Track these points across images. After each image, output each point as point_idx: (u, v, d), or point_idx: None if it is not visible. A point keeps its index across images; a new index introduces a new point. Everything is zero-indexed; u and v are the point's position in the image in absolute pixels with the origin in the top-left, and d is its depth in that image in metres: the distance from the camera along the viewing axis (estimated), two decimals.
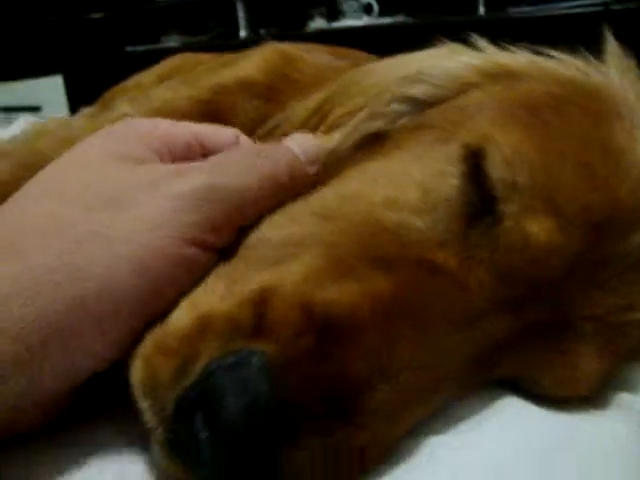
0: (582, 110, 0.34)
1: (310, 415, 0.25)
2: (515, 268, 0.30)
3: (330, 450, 0.25)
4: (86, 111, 1.31)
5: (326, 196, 0.34)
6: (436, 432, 0.29)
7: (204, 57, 1.21)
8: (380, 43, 0.81)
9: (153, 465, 0.29)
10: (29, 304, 0.26)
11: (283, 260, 0.30)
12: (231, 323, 0.26)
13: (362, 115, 0.39)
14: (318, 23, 2.79)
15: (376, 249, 0.30)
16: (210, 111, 0.56)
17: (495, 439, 0.29)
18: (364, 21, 2.71)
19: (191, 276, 0.30)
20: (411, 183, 0.32)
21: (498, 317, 0.30)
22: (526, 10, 2.23)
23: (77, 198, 0.30)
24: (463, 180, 0.32)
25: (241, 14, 2.85)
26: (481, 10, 2.37)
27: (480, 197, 0.31)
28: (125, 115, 0.57)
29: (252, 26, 2.85)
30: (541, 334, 0.31)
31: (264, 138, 0.49)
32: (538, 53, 0.41)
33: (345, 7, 2.77)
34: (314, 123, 0.45)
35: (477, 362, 0.31)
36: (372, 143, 0.39)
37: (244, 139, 0.40)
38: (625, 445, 0.30)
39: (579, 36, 0.44)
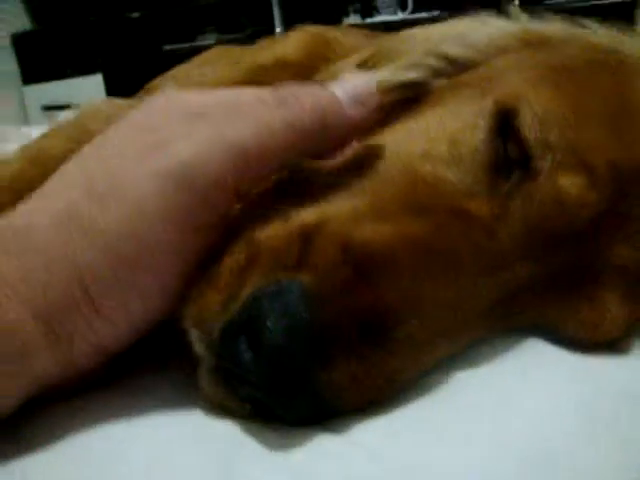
0: (613, 74, 0.36)
1: (344, 340, 0.27)
2: (546, 220, 0.32)
3: (362, 373, 0.27)
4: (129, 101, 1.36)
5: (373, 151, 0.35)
6: (459, 370, 0.31)
7: (237, 49, 1.25)
8: None
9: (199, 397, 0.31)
10: (39, 289, 0.28)
11: (329, 201, 0.31)
12: (275, 256, 0.28)
13: (401, 63, 0.41)
14: (353, 19, 2.81)
15: (413, 198, 0.32)
16: None
17: (513, 379, 0.31)
18: (398, 16, 2.73)
19: (183, 261, 0.30)
20: (444, 136, 0.34)
21: (525, 264, 0.32)
22: (561, 1, 2.21)
23: (87, 191, 0.30)
24: (491, 134, 0.34)
25: (276, 11, 2.89)
26: (516, 2, 2.36)
27: (511, 153, 0.33)
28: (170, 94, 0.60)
29: (287, 23, 2.89)
30: (566, 282, 0.33)
31: None
32: (572, 23, 0.43)
33: (379, 3, 2.79)
34: None
35: (502, 306, 0.33)
36: (410, 101, 0.41)
37: None
38: None
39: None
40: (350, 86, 0.35)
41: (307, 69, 0.59)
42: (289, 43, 0.61)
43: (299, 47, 0.60)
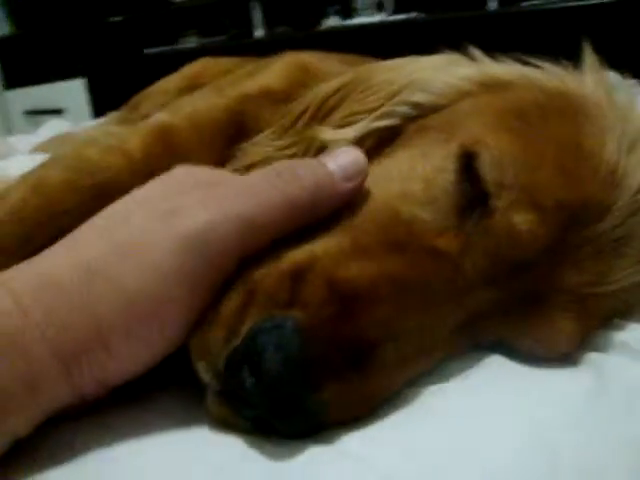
0: (561, 116, 0.41)
1: (332, 366, 0.31)
2: (503, 252, 0.37)
3: (346, 393, 0.32)
4: (113, 115, 1.39)
5: None
6: (431, 383, 0.36)
7: (223, 61, 1.28)
8: (394, 40, 0.86)
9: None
10: (60, 332, 0.31)
11: (321, 239, 0.36)
12: (270, 294, 0.33)
13: (376, 114, 0.46)
14: (332, 21, 2.84)
15: (390, 236, 0.36)
16: (237, 118, 0.63)
17: (480, 389, 0.36)
18: (377, 18, 2.77)
19: (191, 313, 0.34)
20: (416, 177, 0.39)
21: (487, 291, 0.37)
22: (538, 2, 2.26)
23: (107, 239, 0.34)
24: (458, 176, 0.38)
25: (256, 14, 2.92)
26: (494, 4, 2.41)
27: (472, 191, 0.38)
28: (164, 122, 0.64)
29: (267, 25, 2.92)
30: (523, 305, 0.38)
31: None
32: (525, 63, 0.48)
33: (359, 4, 2.83)
34: (323, 114, 0.51)
35: (468, 327, 0.38)
36: (383, 144, 0.46)
37: None
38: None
39: (592, 27, 0.50)
40: (341, 161, 0.38)
41: (288, 96, 0.63)
42: (273, 72, 0.66)
43: (282, 77, 0.65)
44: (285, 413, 0.31)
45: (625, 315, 0.41)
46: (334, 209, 0.38)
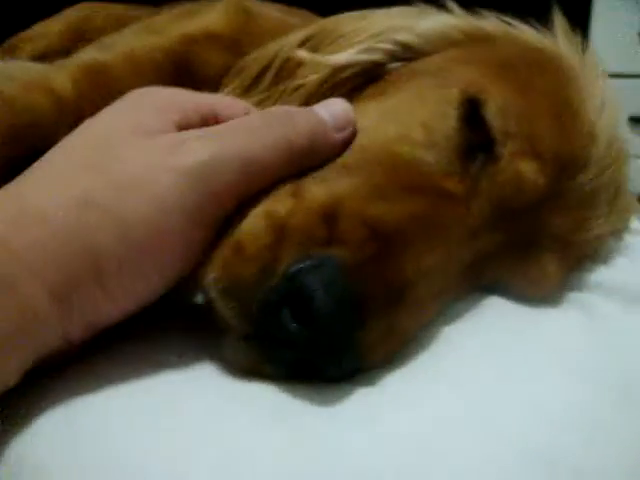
0: (546, 72, 0.43)
1: (375, 305, 0.31)
2: (507, 197, 0.38)
3: (387, 331, 0.32)
4: None
5: None
6: (447, 323, 0.37)
7: (111, 7, 1.19)
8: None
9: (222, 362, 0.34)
10: (54, 268, 0.30)
11: (333, 179, 0.35)
12: (307, 233, 0.31)
13: (360, 47, 0.45)
14: None
15: (402, 177, 0.36)
16: (180, 61, 0.59)
17: (491, 326, 0.37)
18: None
19: (189, 249, 0.33)
20: (416, 122, 0.39)
21: (489, 233, 0.38)
22: None
23: (100, 173, 0.32)
24: (460, 122, 0.39)
25: None
26: None
27: (475, 138, 0.38)
28: (94, 61, 0.58)
29: None
30: (517, 248, 0.40)
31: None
32: (503, 21, 0.49)
33: None
34: (289, 71, 0.50)
35: (472, 269, 0.39)
36: (365, 83, 0.45)
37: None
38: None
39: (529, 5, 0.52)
40: (333, 111, 0.38)
41: (236, 43, 0.60)
42: (217, 15, 0.62)
43: (226, 21, 0.61)
44: (336, 354, 0.30)
45: (594, 259, 0.45)
46: (327, 157, 0.38)
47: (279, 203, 0.33)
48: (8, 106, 0.53)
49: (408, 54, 0.46)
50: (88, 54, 0.59)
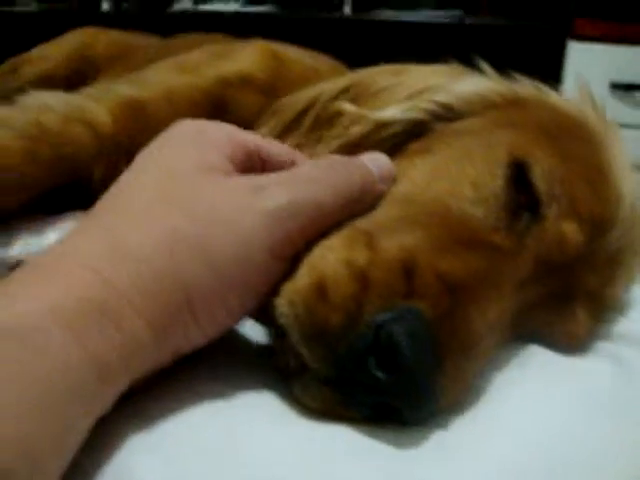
0: (576, 136, 0.46)
1: (452, 354, 0.33)
2: (549, 254, 0.41)
3: (459, 379, 0.35)
4: None
5: (395, 184, 0.43)
6: (498, 371, 0.40)
7: (113, 33, 1.21)
8: (246, 30, 0.88)
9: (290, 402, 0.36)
10: (153, 302, 0.32)
11: (399, 232, 0.37)
12: (389, 285, 0.34)
13: (404, 106, 0.49)
14: (184, 4, 2.76)
15: (456, 232, 0.39)
16: (217, 101, 0.61)
17: (534, 374, 0.40)
18: (231, 7, 2.74)
19: (266, 282, 0.36)
20: (466, 180, 0.42)
21: (533, 288, 0.41)
22: (389, 14, 2.40)
23: (181, 210, 0.35)
24: (507, 182, 0.42)
25: None
26: (347, 10, 2.51)
27: (520, 198, 0.42)
28: (131, 97, 0.60)
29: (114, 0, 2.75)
30: (554, 301, 0.43)
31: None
32: (507, 78, 0.53)
33: None
34: (328, 115, 0.53)
35: (516, 320, 0.41)
36: (408, 141, 0.48)
37: (300, 155, 0.44)
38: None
39: (435, 44, 0.57)
40: (378, 163, 0.42)
41: (270, 86, 0.63)
42: (249, 58, 0.64)
43: (259, 65, 0.64)
44: (418, 400, 0.32)
45: (616, 311, 0.48)
46: (371, 206, 0.41)
47: (357, 253, 0.35)
48: (50, 138, 0.54)
49: (448, 114, 0.49)
50: (124, 88, 0.61)
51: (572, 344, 0.44)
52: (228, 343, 0.42)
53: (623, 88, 1.86)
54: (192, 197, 0.35)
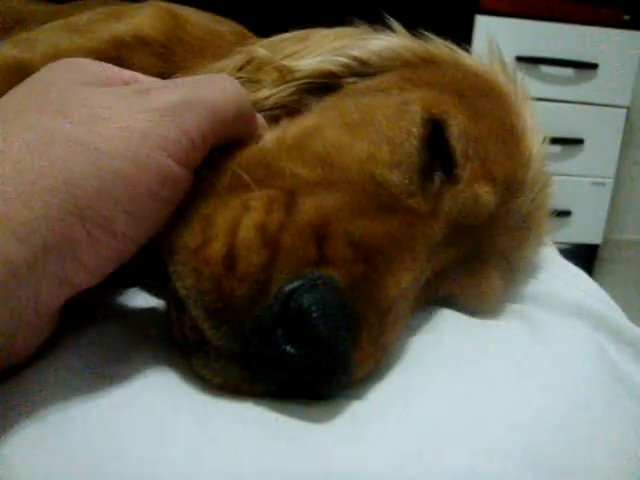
0: (488, 97, 0.45)
1: (366, 323, 0.32)
2: (463, 217, 0.40)
3: (373, 349, 0.33)
4: None
5: (312, 140, 0.39)
6: (411, 335, 0.39)
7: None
8: None
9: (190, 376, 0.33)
10: (30, 206, 0.28)
11: (319, 194, 0.35)
12: (300, 252, 0.31)
13: (319, 58, 0.46)
14: None
15: (373, 196, 0.37)
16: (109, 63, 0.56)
17: (450, 336, 0.39)
18: None
19: (176, 194, 0.33)
20: (384, 139, 0.39)
21: (447, 251, 0.40)
22: None
23: (57, 113, 0.31)
24: (422, 141, 0.40)
25: None
26: None
27: (434, 157, 0.40)
28: (15, 57, 0.55)
29: None
30: (468, 264, 0.42)
31: None
32: (420, 38, 0.51)
33: None
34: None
35: (429, 284, 0.40)
36: (323, 93, 0.46)
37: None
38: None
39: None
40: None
41: (165, 49, 0.59)
42: (146, 19, 0.60)
43: (156, 26, 0.59)
44: (332, 373, 0.30)
45: (526, 273, 0.48)
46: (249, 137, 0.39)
47: (273, 215, 0.33)
48: None
49: (361, 69, 0.47)
50: (9, 50, 0.55)
51: (486, 306, 0.43)
52: (122, 311, 0.38)
53: (529, 61, 1.92)
54: (71, 101, 0.32)
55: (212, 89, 0.35)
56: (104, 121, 0.31)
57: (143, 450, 0.28)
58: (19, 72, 0.54)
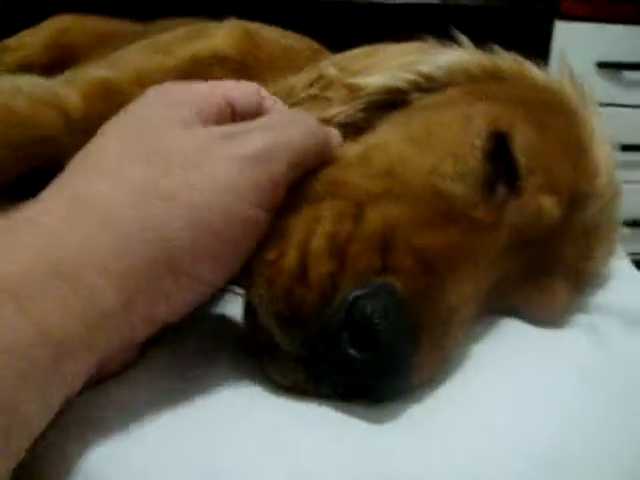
0: (558, 111, 0.46)
1: (426, 330, 0.33)
2: (527, 228, 0.40)
3: (435, 357, 0.34)
4: None
5: (380, 154, 0.41)
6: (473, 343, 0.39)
7: (90, 21, 1.19)
8: None
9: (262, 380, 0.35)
10: (121, 259, 0.29)
11: (384, 206, 0.36)
12: (365, 262, 0.33)
13: (387, 75, 0.48)
14: None
15: (439, 209, 0.38)
16: (189, 80, 0.60)
17: (511, 346, 0.40)
18: None
19: (259, 237, 0.34)
20: (448, 153, 0.40)
21: (509, 261, 0.41)
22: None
23: (152, 164, 0.32)
24: (485, 155, 0.41)
25: None
26: None
27: (497, 170, 0.41)
28: (102, 78, 0.59)
29: None
30: (532, 275, 0.42)
31: None
32: (488, 51, 0.52)
33: None
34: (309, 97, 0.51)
35: (492, 294, 0.41)
36: (388, 110, 0.47)
37: (270, 98, 0.42)
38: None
39: (418, 25, 0.55)
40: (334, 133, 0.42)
41: (242, 66, 0.62)
42: (222, 37, 0.63)
43: (232, 44, 0.63)
44: (392, 377, 0.32)
45: (594, 283, 0.48)
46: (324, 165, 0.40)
47: (343, 226, 0.34)
48: (19, 122, 0.53)
49: (428, 85, 0.48)
50: (96, 71, 0.60)
51: (549, 318, 0.43)
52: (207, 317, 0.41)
53: (610, 67, 1.86)
54: (162, 149, 0.33)
55: (297, 131, 0.37)
56: (195, 171, 0.32)
57: (223, 444, 0.30)
58: (109, 91, 0.58)
